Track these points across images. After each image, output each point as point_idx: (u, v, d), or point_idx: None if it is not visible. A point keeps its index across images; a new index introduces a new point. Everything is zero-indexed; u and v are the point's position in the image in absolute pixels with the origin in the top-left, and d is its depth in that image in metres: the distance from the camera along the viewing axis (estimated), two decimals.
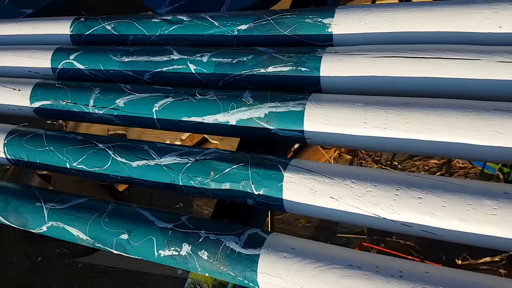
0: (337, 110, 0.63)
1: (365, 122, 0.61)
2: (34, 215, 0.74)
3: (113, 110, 0.81)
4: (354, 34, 0.70)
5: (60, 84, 0.89)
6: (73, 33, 0.98)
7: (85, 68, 0.90)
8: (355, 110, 0.62)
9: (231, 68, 0.76)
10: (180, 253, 0.61)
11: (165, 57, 0.82)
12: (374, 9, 0.69)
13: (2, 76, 1.00)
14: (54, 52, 0.95)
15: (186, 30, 0.85)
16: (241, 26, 0.79)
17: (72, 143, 0.79)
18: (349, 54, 0.67)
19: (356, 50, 0.67)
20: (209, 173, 0.66)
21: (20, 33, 1.06)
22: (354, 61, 0.66)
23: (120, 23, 0.92)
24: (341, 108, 0.63)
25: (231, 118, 0.70)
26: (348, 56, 0.66)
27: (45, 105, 0.89)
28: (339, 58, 0.67)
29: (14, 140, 0.85)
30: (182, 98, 0.75)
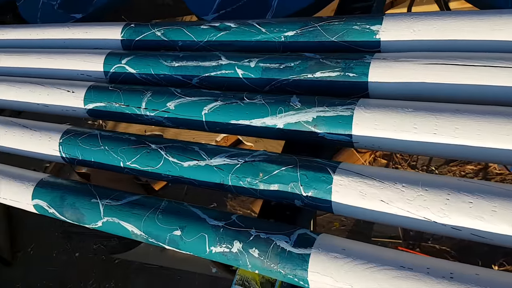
0: (386, 115, 0.64)
1: (415, 128, 0.62)
2: (90, 211, 0.78)
3: (164, 112, 0.85)
4: (403, 41, 0.71)
5: (113, 87, 0.93)
6: (124, 38, 1.03)
7: (136, 72, 0.95)
8: (405, 115, 0.63)
9: (278, 73, 0.78)
10: (231, 250, 0.64)
11: (213, 62, 0.85)
12: (423, 17, 0.70)
13: (56, 78, 1.06)
14: (106, 56, 0.99)
15: (234, 36, 0.88)
16: (288, 33, 0.82)
17: (126, 143, 0.83)
18: (398, 60, 0.68)
19: (404, 56, 0.68)
20: (258, 174, 0.69)
21: (72, 37, 1.12)
22: (403, 67, 0.67)
23: (170, 29, 0.96)
24: (390, 113, 0.64)
25: (278, 121, 0.73)
26: (397, 62, 0.68)
27: (98, 107, 0.94)
28: (387, 64, 0.68)
29: (70, 140, 0.90)
30: (231, 102, 0.78)
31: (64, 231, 2.14)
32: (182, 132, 2.02)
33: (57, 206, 0.82)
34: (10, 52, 1.17)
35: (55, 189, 0.84)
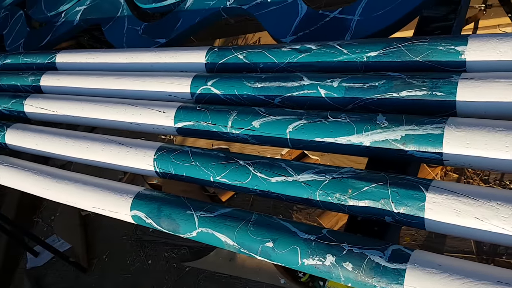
0: (477, 133, 0.65)
1: (507, 146, 0.63)
2: (185, 222, 0.85)
3: (249, 130, 0.91)
4: (489, 62, 0.72)
5: (200, 107, 1.00)
6: (208, 61, 1.10)
7: (221, 93, 1.01)
8: (496, 134, 0.64)
9: (362, 92, 0.81)
10: (324, 263, 0.67)
11: (295, 82, 0.90)
12: (509, 38, 0.71)
13: (146, 99, 1.15)
14: (193, 78, 1.07)
15: (315, 58, 0.92)
16: (370, 53, 0.85)
17: (216, 159, 0.89)
18: (486, 80, 0.69)
19: (492, 76, 0.69)
20: (346, 191, 0.72)
21: (159, 61, 1.21)
22: (491, 87, 0.68)
23: (251, 52, 1.02)
24: (481, 132, 0.65)
25: (365, 139, 0.75)
26: (485, 82, 0.69)
27: (187, 125, 1.01)
28: (475, 84, 0.70)
29: (163, 156, 0.97)
30: (315, 120, 0.82)
31: (137, 239, 2.27)
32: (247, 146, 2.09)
33: (154, 217, 0.90)
34: (102, 74, 1.28)
35: (152, 201, 0.91)
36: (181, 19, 1.32)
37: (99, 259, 2.37)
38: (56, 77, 1.38)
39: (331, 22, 1.01)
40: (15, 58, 1.62)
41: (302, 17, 1.06)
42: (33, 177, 1.14)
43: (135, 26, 1.43)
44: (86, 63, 1.37)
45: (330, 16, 1.01)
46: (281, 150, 1.97)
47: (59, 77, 1.37)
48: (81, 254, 2.37)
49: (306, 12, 1.06)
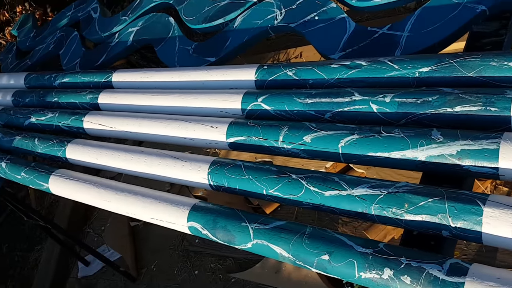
0: None
1: None
2: (240, 233, 0.88)
3: (300, 145, 0.93)
4: None
5: (251, 123, 1.04)
6: (257, 78, 1.14)
7: (271, 109, 1.05)
8: None
9: (415, 108, 0.82)
10: (381, 276, 0.68)
11: (346, 98, 0.92)
12: None
13: (199, 115, 1.21)
14: (243, 95, 1.11)
15: (365, 73, 0.94)
16: (422, 69, 0.86)
17: (268, 173, 0.92)
18: None
19: None
20: (403, 205, 0.73)
21: (210, 79, 1.27)
22: None
23: (300, 69, 1.06)
24: None
25: (419, 154, 0.77)
26: None
27: (239, 140, 1.05)
28: None
29: (217, 170, 1.02)
30: (368, 135, 0.84)
31: (183, 250, 2.33)
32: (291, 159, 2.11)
33: (210, 228, 0.94)
34: (156, 92, 1.35)
35: (207, 213, 0.96)
36: (230, 38, 1.37)
37: (147, 268, 2.44)
38: (113, 95, 1.47)
39: (380, 38, 1.03)
40: (73, 77, 1.73)
41: (350, 33, 1.08)
42: (94, 189, 1.21)
43: (186, 46, 1.50)
44: (141, 82, 1.45)
45: (379, 33, 1.03)
46: (325, 163, 1.99)
47: (116, 95, 1.46)
48: (131, 263, 2.45)
49: (354, 29, 1.08)
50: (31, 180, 1.44)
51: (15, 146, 1.65)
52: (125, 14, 1.86)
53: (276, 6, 1.29)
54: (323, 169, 2.00)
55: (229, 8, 1.44)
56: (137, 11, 1.81)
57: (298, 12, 1.23)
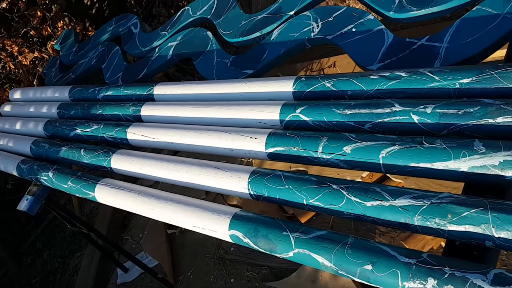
0: None
1: None
2: (282, 242, 0.90)
3: (340, 156, 0.95)
4: None
5: (290, 133, 1.07)
6: (295, 90, 1.17)
7: (310, 120, 1.07)
8: None
9: (456, 118, 0.83)
10: (425, 286, 0.69)
11: (387, 109, 0.93)
12: None
13: (237, 126, 1.24)
14: (282, 106, 1.14)
15: (405, 84, 0.95)
16: (463, 80, 0.86)
17: (308, 183, 0.94)
18: None
19: None
20: (446, 216, 0.74)
21: (249, 91, 1.30)
22: None
23: (339, 80, 1.08)
24: None
25: (462, 165, 0.77)
26: None
27: (278, 151, 1.08)
28: None
29: (257, 180, 1.04)
30: (409, 146, 0.85)
31: (219, 258, 2.37)
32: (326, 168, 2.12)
33: (252, 237, 0.96)
34: (196, 104, 1.40)
35: (249, 222, 0.98)
36: (267, 51, 1.41)
37: (184, 276, 2.49)
38: (155, 107, 1.52)
39: (419, 49, 1.03)
40: (116, 90, 1.81)
41: (389, 45, 1.09)
42: (139, 198, 1.26)
43: (224, 59, 1.54)
44: (181, 94, 1.50)
45: (418, 44, 1.04)
46: (362, 172, 1.98)
47: (158, 108, 1.51)
48: (168, 270, 2.50)
49: (393, 40, 1.09)
50: (77, 189, 1.51)
51: (61, 157, 1.74)
52: (164, 29, 1.93)
53: (313, 18, 1.32)
54: (359, 178, 2.00)
55: (265, 22, 1.48)
56: (176, 26, 1.87)
57: (335, 24, 1.25)
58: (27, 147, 1.98)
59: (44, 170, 1.73)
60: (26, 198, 1.90)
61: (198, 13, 1.80)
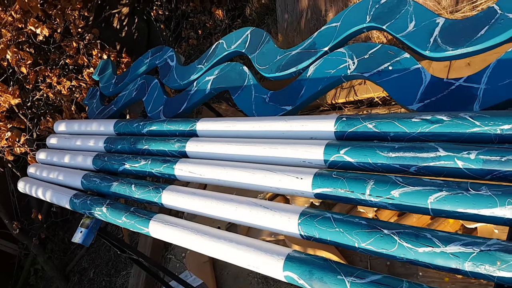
0: None
1: None
2: (337, 286, 0.96)
3: (388, 199, 1.00)
4: None
5: (336, 175, 1.12)
6: (337, 130, 1.22)
7: (354, 161, 1.12)
8: None
9: (500, 165, 0.87)
10: None
11: (431, 153, 0.98)
12: None
13: (283, 165, 1.31)
14: (325, 146, 1.20)
15: (447, 129, 0.99)
16: (503, 126, 0.90)
17: (359, 227, 1.00)
18: None
19: None
20: (495, 263, 0.78)
21: (290, 129, 1.36)
22: None
23: (381, 122, 1.12)
24: None
25: (508, 212, 0.81)
26: None
27: (325, 192, 1.13)
28: None
29: (307, 221, 1.10)
30: (456, 192, 0.89)
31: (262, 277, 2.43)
32: None
33: (306, 279, 1.02)
34: (240, 142, 1.47)
35: (303, 264, 1.04)
36: (304, 87, 1.47)
37: None
38: (200, 143, 1.61)
39: (457, 90, 1.07)
40: (160, 125, 1.90)
41: (427, 85, 1.14)
42: (193, 236, 1.34)
43: (262, 94, 1.61)
44: (224, 131, 1.58)
45: (456, 85, 1.08)
46: None
47: (202, 144, 1.60)
48: None
49: (430, 80, 1.14)
50: (132, 224, 1.61)
51: (113, 191, 1.84)
52: (200, 62, 2.02)
53: (348, 55, 1.37)
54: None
55: (300, 57, 1.54)
56: (212, 60, 1.95)
57: (371, 62, 1.30)
58: (78, 181, 2.10)
59: (98, 205, 1.84)
60: (80, 230, 2.01)
61: (233, 47, 1.87)
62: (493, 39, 1.06)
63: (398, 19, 1.28)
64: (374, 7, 1.37)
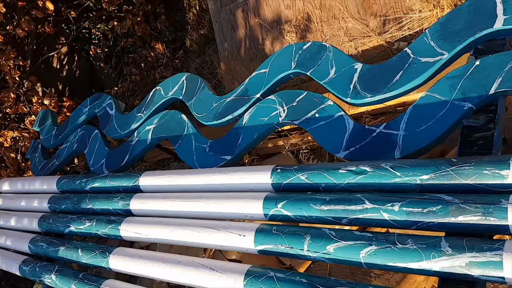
0: None
1: None
2: None
3: (324, 254, 1.02)
4: None
5: (276, 230, 1.14)
6: (273, 182, 1.24)
7: (291, 214, 1.14)
8: None
9: (422, 217, 0.90)
10: None
11: (359, 206, 1.01)
12: None
13: (227, 219, 1.31)
14: (264, 201, 1.21)
15: (371, 179, 1.03)
16: (422, 176, 0.94)
17: (300, 285, 1.01)
18: None
19: None
20: None
21: (230, 182, 1.37)
22: None
23: (312, 173, 1.15)
24: None
25: (433, 265, 0.84)
26: None
27: (267, 248, 1.14)
28: None
29: (252, 281, 1.11)
30: (385, 246, 0.92)
31: None
32: None
33: None
34: (183, 198, 1.46)
35: None
36: (241, 136, 1.48)
37: None
38: (144, 200, 1.58)
39: (378, 137, 1.11)
40: (102, 181, 1.86)
41: (351, 132, 1.17)
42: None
43: (202, 144, 1.61)
44: (167, 185, 1.56)
45: (377, 131, 1.12)
46: None
47: (146, 201, 1.57)
48: None
49: (353, 128, 1.17)
50: None
51: (60, 256, 1.78)
52: (140, 110, 1.99)
53: (278, 103, 1.40)
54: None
55: (235, 105, 1.55)
56: (150, 107, 1.93)
57: (299, 109, 1.33)
58: (25, 246, 2.02)
59: (47, 272, 1.77)
60: None
61: (170, 94, 1.86)
62: (408, 84, 1.12)
63: (320, 65, 1.32)
64: (297, 53, 1.41)
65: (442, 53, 1.07)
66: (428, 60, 1.08)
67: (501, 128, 0.97)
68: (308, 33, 2.72)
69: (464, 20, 1.07)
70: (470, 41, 1.06)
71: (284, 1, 2.85)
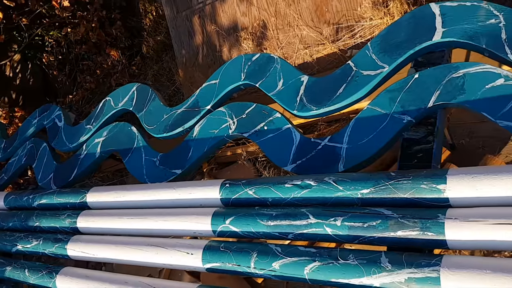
0: (468, 276, 0.74)
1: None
2: None
3: (271, 271, 1.01)
4: (468, 198, 0.81)
5: (223, 248, 1.11)
6: (222, 197, 1.22)
7: (239, 230, 1.12)
8: (484, 276, 0.72)
9: (363, 231, 0.91)
10: None
11: (303, 221, 1.00)
12: (482, 176, 0.79)
13: (172, 237, 1.27)
14: (212, 217, 1.18)
15: (315, 194, 1.02)
16: (363, 190, 0.94)
17: None
18: (468, 220, 0.78)
19: (473, 216, 0.78)
20: None
21: (179, 198, 1.33)
22: (473, 228, 0.77)
23: (259, 188, 1.13)
24: (472, 274, 0.73)
25: (374, 281, 0.84)
26: (467, 222, 0.78)
27: (215, 266, 1.12)
28: (459, 225, 0.79)
29: None
30: (328, 262, 0.92)
31: None
32: None
33: None
34: (130, 215, 1.41)
35: None
36: (191, 149, 1.45)
37: None
38: (91, 218, 1.52)
39: (323, 150, 1.11)
40: (49, 198, 1.78)
41: (297, 145, 1.17)
42: None
43: (152, 157, 1.56)
44: (115, 202, 1.51)
45: (322, 144, 1.12)
46: None
47: (93, 219, 1.51)
48: None
49: (300, 140, 1.17)
50: None
51: (7, 276, 1.69)
52: (89, 122, 1.92)
53: (228, 115, 1.38)
54: None
55: (186, 116, 1.52)
56: (100, 119, 1.87)
57: (248, 121, 1.31)
58: None
59: None
60: None
61: (120, 105, 1.81)
62: (351, 97, 1.12)
63: (268, 77, 1.31)
64: (247, 65, 1.39)
65: (383, 66, 1.08)
66: (369, 73, 1.08)
67: (440, 141, 0.99)
68: (264, 40, 2.72)
69: (405, 33, 1.09)
70: (410, 54, 1.07)
71: (240, 8, 2.84)
